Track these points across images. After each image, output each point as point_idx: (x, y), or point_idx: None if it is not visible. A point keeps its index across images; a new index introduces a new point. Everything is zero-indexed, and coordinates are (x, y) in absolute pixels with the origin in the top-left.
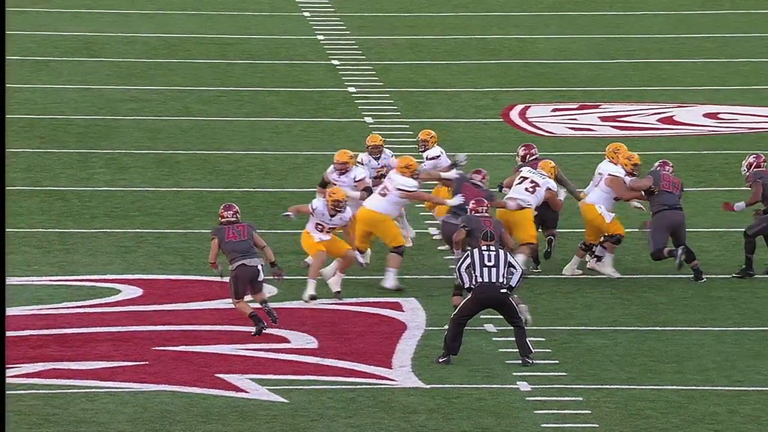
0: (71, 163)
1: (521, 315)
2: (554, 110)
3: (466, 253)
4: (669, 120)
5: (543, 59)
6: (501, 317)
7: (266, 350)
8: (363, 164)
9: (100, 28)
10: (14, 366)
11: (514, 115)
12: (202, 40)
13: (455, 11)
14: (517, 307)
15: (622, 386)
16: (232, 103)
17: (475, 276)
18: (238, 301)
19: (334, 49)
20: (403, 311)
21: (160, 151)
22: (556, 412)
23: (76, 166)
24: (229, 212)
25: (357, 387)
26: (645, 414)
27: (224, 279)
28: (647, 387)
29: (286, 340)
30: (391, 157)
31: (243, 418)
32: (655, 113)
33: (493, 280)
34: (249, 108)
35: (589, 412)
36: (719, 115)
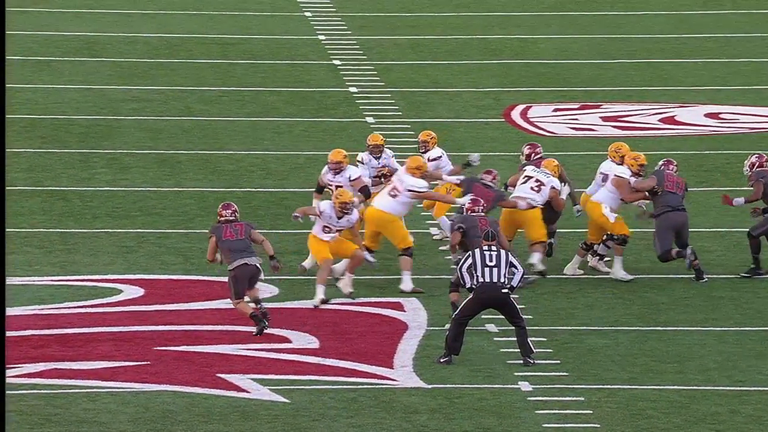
0: (73, 163)
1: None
2: (556, 110)
3: (468, 254)
4: (670, 120)
5: (544, 59)
6: (502, 317)
7: (268, 350)
8: (363, 163)
9: (101, 28)
10: (16, 366)
11: (515, 115)
12: (204, 40)
13: (457, 11)
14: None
15: (624, 386)
16: (233, 103)
17: (477, 276)
18: (238, 302)
19: (336, 49)
20: (404, 311)
21: (162, 151)
22: (557, 412)
23: (78, 166)
24: (228, 211)
25: (358, 387)
26: (646, 414)
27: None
28: (649, 387)
29: (288, 340)
30: (391, 157)
31: (244, 418)
32: (656, 113)
33: (495, 280)
34: (250, 108)
35: (591, 412)
36: (721, 115)
